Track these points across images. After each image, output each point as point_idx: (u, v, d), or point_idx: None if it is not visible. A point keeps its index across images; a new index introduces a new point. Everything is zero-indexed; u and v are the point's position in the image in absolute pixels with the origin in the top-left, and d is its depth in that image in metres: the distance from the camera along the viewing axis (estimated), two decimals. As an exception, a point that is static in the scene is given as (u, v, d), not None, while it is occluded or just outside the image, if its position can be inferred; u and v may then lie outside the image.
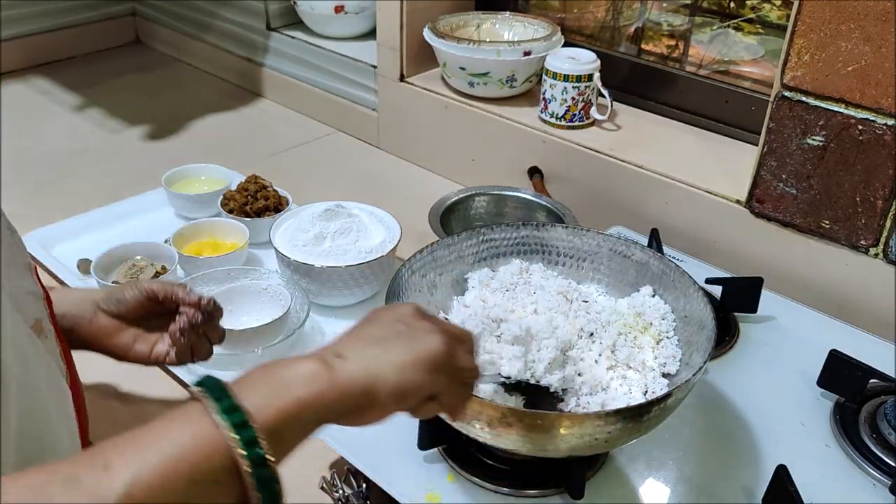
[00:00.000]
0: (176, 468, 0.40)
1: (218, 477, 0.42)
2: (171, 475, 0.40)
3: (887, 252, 0.94)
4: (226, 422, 0.42)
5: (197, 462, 0.41)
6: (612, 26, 1.51)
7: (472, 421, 0.63)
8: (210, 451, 0.42)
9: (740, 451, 0.76)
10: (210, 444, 0.42)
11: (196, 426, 0.42)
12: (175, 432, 0.42)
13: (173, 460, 0.40)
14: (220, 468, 0.42)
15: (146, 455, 0.40)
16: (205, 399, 0.43)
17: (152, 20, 1.96)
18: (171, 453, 0.41)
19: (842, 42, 0.89)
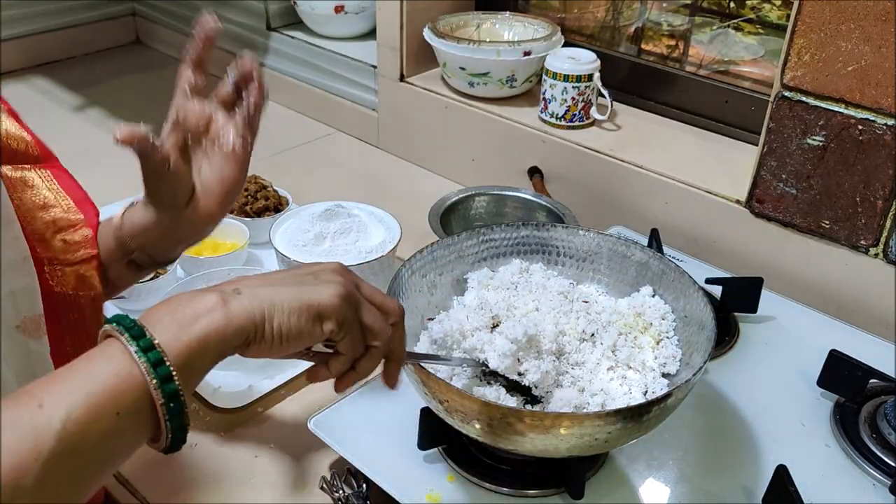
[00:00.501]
0: (103, 403, 0.44)
1: (138, 409, 0.46)
2: (99, 410, 0.44)
3: (887, 252, 0.94)
4: (144, 361, 0.46)
5: (120, 397, 0.45)
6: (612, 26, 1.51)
7: (471, 421, 0.63)
8: (130, 386, 0.46)
9: (740, 451, 0.76)
10: (130, 380, 0.46)
11: (117, 364, 0.46)
12: (99, 370, 0.46)
13: (99, 396, 0.44)
14: (140, 402, 0.46)
15: (75, 393, 0.44)
16: (123, 338, 0.47)
17: (152, 20, 1.96)
18: (97, 390, 0.44)
19: (842, 42, 0.89)
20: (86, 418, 0.43)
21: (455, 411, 0.64)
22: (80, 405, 0.43)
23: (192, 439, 0.82)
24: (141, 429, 0.47)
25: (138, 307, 1.00)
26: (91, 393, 0.44)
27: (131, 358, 0.46)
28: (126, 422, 0.45)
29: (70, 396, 0.43)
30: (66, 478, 0.43)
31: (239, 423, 0.85)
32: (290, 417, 0.85)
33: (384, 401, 0.79)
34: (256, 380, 0.88)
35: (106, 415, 0.44)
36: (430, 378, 0.64)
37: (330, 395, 0.82)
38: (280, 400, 0.87)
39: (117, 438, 0.46)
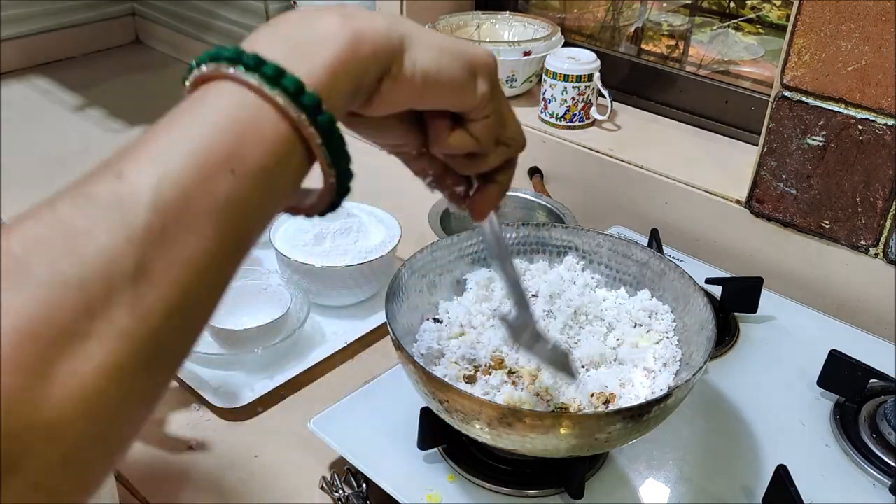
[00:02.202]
0: (208, 161, 0.32)
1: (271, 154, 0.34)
2: (205, 170, 0.32)
3: (887, 252, 0.94)
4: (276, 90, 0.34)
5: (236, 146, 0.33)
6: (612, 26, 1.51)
7: (472, 421, 0.63)
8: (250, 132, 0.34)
9: (740, 451, 0.76)
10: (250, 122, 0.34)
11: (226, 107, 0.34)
12: (198, 120, 0.34)
13: (205, 152, 0.32)
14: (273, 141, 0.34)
15: (167, 154, 0.32)
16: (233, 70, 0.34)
17: (152, 20, 1.95)
18: (199, 146, 0.32)
19: (842, 42, 0.89)
20: (186, 180, 0.31)
21: (455, 411, 0.64)
22: (178, 163, 0.32)
23: (191, 439, 0.82)
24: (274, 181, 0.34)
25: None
26: (193, 145, 0.32)
27: (251, 93, 0.34)
28: (245, 181, 0.33)
29: (161, 156, 0.32)
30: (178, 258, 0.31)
31: (239, 423, 0.85)
32: (290, 417, 0.85)
33: (384, 401, 0.79)
34: (256, 380, 0.88)
35: (216, 174, 0.32)
36: (430, 378, 0.64)
37: (330, 395, 0.83)
38: (280, 400, 0.87)
39: (238, 205, 0.33)
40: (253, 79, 0.34)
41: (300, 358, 0.92)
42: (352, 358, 0.95)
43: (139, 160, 0.32)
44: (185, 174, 0.32)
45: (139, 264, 0.30)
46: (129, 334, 0.30)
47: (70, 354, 0.28)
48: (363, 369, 0.91)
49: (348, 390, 0.81)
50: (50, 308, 0.28)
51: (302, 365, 0.91)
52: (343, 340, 0.95)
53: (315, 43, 0.36)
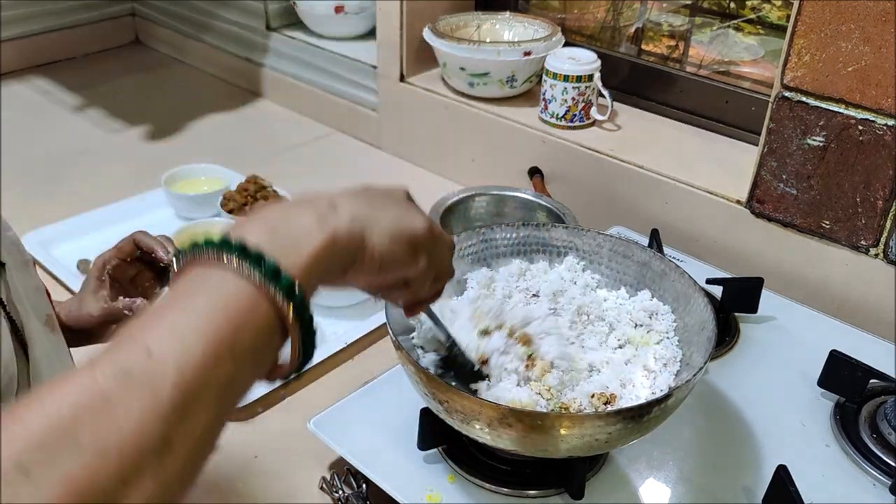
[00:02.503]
0: (217, 341, 0.38)
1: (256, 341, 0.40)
2: (215, 349, 0.37)
3: (887, 252, 0.94)
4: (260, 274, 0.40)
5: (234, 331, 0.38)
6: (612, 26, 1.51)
7: (471, 421, 0.63)
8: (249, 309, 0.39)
9: (741, 452, 0.76)
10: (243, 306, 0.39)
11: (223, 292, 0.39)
12: (202, 302, 0.39)
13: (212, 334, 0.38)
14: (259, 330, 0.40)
15: (183, 333, 0.37)
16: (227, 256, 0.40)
17: (152, 20, 1.96)
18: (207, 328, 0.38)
19: (842, 42, 0.89)
20: (202, 362, 0.37)
21: (455, 412, 0.64)
22: (194, 348, 0.37)
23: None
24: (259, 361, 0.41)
25: (138, 307, 1.00)
26: (203, 333, 0.37)
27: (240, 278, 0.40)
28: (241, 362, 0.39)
29: (179, 339, 0.37)
30: (188, 431, 0.36)
31: (239, 423, 0.85)
32: (290, 417, 0.85)
33: (384, 401, 0.79)
34: (256, 380, 0.88)
35: (224, 356, 0.38)
36: (430, 379, 0.64)
37: (330, 395, 0.83)
38: (280, 400, 0.87)
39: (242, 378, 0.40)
40: (255, 274, 0.40)
41: (300, 358, 0.92)
42: (352, 358, 0.95)
43: (163, 339, 0.37)
44: (202, 358, 0.37)
45: (165, 438, 0.35)
46: (153, 500, 0.34)
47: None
48: (363, 369, 0.91)
49: (348, 390, 0.81)
50: (95, 475, 0.32)
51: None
52: (343, 340, 0.95)
53: (294, 242, 0.43)
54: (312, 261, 0.43)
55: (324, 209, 0.46)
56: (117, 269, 0.77)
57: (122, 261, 0.78)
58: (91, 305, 0.76)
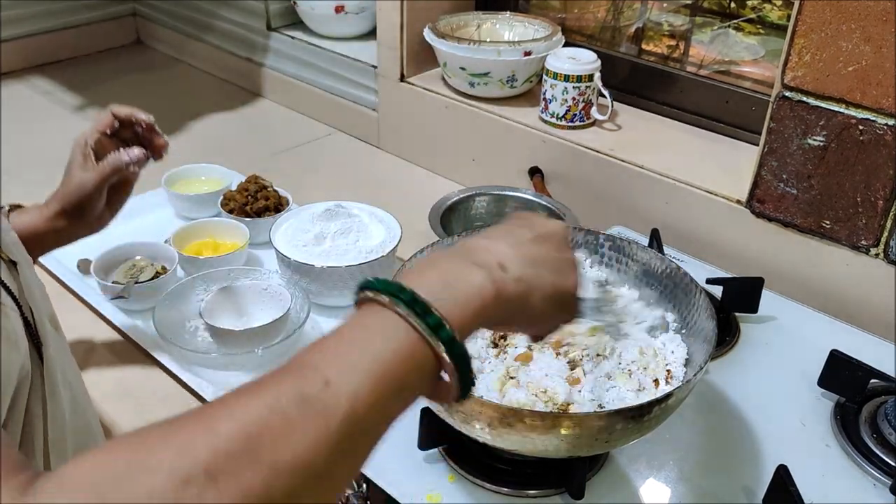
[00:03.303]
0: (387, 384, 0.41)
1: (420, 384, 0.44)
2: (384, 390, 0.41)
3: (888, 252, 0.94)
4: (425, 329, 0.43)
5: (403, 377, 0.42)
6: (612, 26, 1.51)
7: (472, 421, 0.63)
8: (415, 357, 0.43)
9: (741, 451, 0.76)
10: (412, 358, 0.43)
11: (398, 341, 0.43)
12: (380, 347, 0.42)
13: (383, 377, 0.41)
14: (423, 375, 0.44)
15: (359, 371, 0.40)
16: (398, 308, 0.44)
17: (153, 20, 1.96)
18: (380, 370, 0.41)
19: (842, 42, 0.89)
20: (371, 399, 0.40)
21: (456, 412, 0.64)
22: (366, 385, 0.40)
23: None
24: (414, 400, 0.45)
25: (138, 307, 1.00)
26: (375, 372, 0.41)
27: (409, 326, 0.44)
28: (407, 398, 0.44)
29: (355, 374, 0.40)
30: (348, 460, 0.40)
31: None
32: (290, 417, 0.85)
33: (384, 401, 0.79)
34: (257, 380, 0.88)
35: (390, 395, 0.41)
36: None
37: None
38: (280, 400, 0.87)
39: (396, 416, 0.43)
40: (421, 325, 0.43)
41: (300, 358, 0.92)
42: (352, 358, 0.94)
43: (341, 372, 0.40)
44: (372, 396, 0.40)
45: (328, 465, 0.38)
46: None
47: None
48: (363, 369, 0.91)
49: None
50: (269, 488, 0.35)
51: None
52: (343, 340, 0.95)
53: (466, 299, 0.47)
54: (474, 315, 0.47)
55: (493, 268, 0.50)
56: (99, 145, 0.80)
57: (103, 134, 0.80)
58: (84, 176, 0.78)
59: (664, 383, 0.71)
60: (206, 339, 0.94)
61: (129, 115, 0.82)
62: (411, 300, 0.44)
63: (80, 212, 0.79)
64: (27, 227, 0.78)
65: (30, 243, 0.73)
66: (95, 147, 0.79)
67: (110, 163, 0.78)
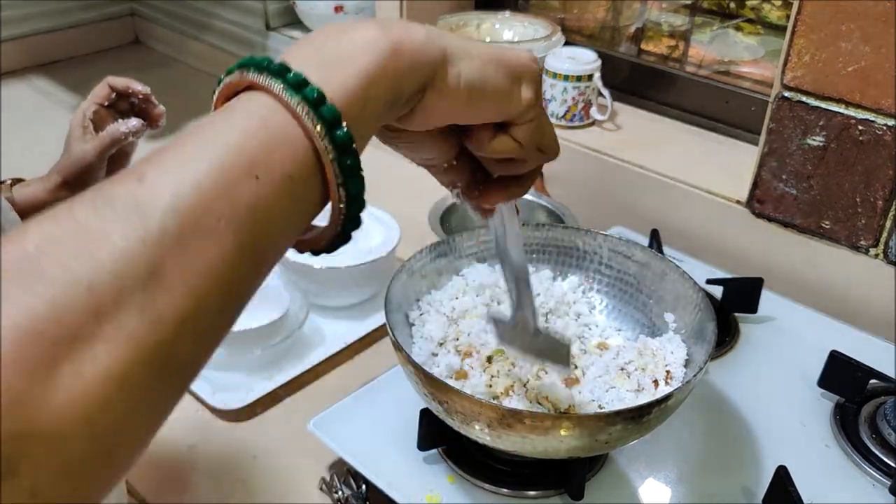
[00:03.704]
0: (232, 165, 0.31)
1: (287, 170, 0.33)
2: (227, 173, 0.31)
3: (887, 252, 0.94)
4: (297, 99, 0.33)
5: (258, 155, 0.32)
6: (612, 26, 1.51)
7: (471, 422, 0.63)
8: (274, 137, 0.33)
9: (740, 452, 0.76)
10: (274, 130, 0.33)
11: (251, 115, 0.33)
12: (222, 128, 0.33)
13: (226, 158, 0.31)
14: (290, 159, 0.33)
15: (192, 160, 0.31)
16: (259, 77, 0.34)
17: (151, 20, 1.95)
18: (221, 152, 0.32)
19: (842, 42, 0.89)
20: (208, 184, 0.31)
21: (455, 412, 0.64)
22: (200, 171, 0.31)
23: (191, 440, 0.82)
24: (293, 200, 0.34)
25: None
26: (214, 157, 0.31)
27: (275, 101, 0.34)
28: (269, 188, 0.32)
29: (183, 165, 0.31)
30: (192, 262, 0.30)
31: (239, 424, 0.84)
32: (289, 418, 0.85)
33: (384, 402, 0.79)
34: (256, 380, 0.88)
35: (239, 179, 0.31)
36: (430, 379, 0.64)
37: (330, 396, 0.82)
38: (280, 400, 0.87)
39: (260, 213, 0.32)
40: (277, 86, 0.33)
41: (300, 358, 0.92)
42: (351, 358, 0.94)
43: (161, 164, 0.32)
44: (207, 178, 0.31)
45: (152, 268, 0.29)
46: (138, 340, 0.28)
47: (75, 357, 0.27)
48: (363, 370, 0.91)
49: (348, 391, 0.81)
50: (57, 308, 0.27)
51: (301, 365, 0.91)
52: (343, 341, 0.95)
53: (351, 52, 0.36)
54: (367, 79, 0.35)
55: (388, 24, 0.38)
56: (97, 116, 0.80)
57: (101, 106, 0.80)
58: (84, 148, 0.78)
59: (664, 384, 0.71)
60: (206, 340, 0.94)
61: (126, 86, 0.82)
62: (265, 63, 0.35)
63: (82, 183, 0.79)
64: (30, 199, 0.78)
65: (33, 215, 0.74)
66: (94, 118, 0.80)
67: (109, 134, 0.79)
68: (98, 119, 0.80)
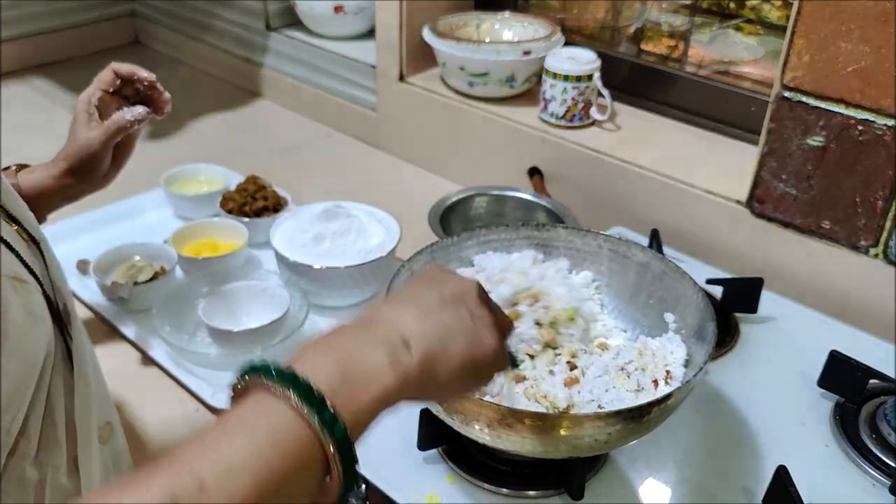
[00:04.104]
0: (269, 479, 0.39)
1: (307, 478, 0.41)
2: (265, 486, 0.39)
3: (887, 252, 0.94)
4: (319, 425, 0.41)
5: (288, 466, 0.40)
6: (612, 26, 1.51)
7: (472, 422, 0.63)
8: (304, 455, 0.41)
9: (740, 452, 0.76)
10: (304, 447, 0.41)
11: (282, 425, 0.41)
12: (262, 438, 0.40)
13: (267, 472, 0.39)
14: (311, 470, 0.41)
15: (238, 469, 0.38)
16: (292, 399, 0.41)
17: (152, 21, 1.95)
18: (264, 467, 0.39)
19: (842, 42, 0.89)
20: (252, 500, 0.38)
21: (455, 412, 0.64)
22: (246, 486, 0.38)
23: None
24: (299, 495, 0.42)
25: (137, 308, 0.99)
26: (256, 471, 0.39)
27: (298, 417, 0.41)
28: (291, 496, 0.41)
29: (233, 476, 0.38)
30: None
31: (238, 424, 0.84)
32: (289, 418, 0.85)
33: (384, 401, 0.79)
34: (256, 380, 0.88)
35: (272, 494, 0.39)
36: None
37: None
38: (280, 400, 0.87)
39: None
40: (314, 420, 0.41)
41: (300, 358, 0.92)
42: (351, 358, 0.94)
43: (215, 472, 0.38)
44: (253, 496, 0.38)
45: None
46: None
47: None
48: (363, 370, 0.91)
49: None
50: None
51: (302, 365, 0.90)
52: (343, 341, 0.95)
53: (365, 377, 0.45)
54: (376, 403, 0.45)
55: (396, 345, 0.47)
56: (102, 102, 0.80)
57: (105, 92, 0.81)
58: (90, 135, 0.78)
59: (664, 384, 0.71)
60: (205, 340, 0.94)
61: (131, 72, 0.83)
62: (307, 391, 0.42)
63: (87, 170, 0.80)
64: (35, 185, 0.79)
65: (39, 201, 0.76)
66: (98, 105, 0.80)
67: (115, 122, 0.79)
68: (103, 105, 0.80)
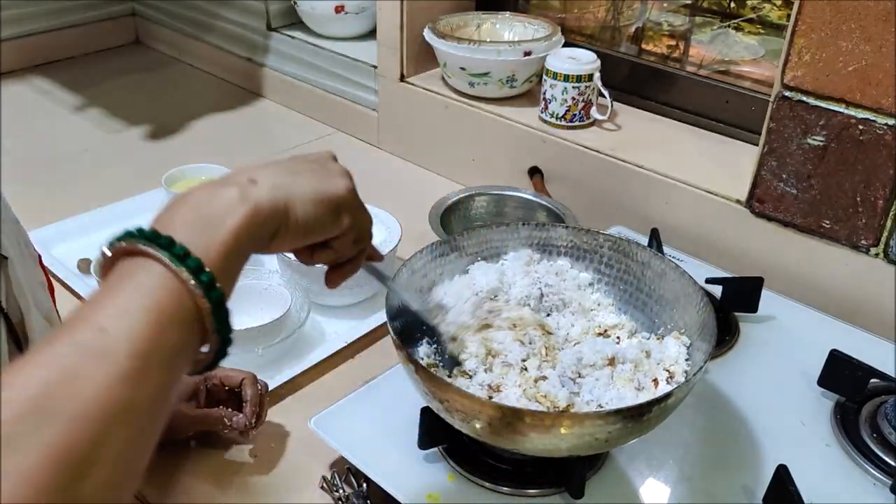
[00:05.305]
0: (158, 319, 0.42)
1: (187, 321, 0.44)
2: (156, 325, 0.41)
3: (888, 252, 0.94)
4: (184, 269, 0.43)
5: (172, 312, 0.43)
6: (612, 26, 1.51)
7: (472, 420, 0.63)
8: (180, 298, 0.43)
9: (740, 451, 0.76)
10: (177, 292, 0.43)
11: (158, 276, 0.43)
12: (145, 283, 0.43)
13: (155, 311, 0.42)
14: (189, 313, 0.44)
15: (131, 310, 0.41)
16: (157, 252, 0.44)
17: (152, 20, 1.95)
18: (151, 304, 0.42)
19: (842, 42, 0.89)
20: (147, 335, 0.41)
21: (456, 411, 0.64)
22: (142, 323, 0.41)
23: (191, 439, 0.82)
24: (194, 340, 0.45)
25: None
26: (147, 307, 0.42)
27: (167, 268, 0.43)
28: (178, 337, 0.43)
29: (127, 317, 0.41)
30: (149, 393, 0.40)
31: (239, 423, 0.85)
32: (290, 416, 0.85)
33: (384, 400, 0.79)
34: (256, 379, 0.88)
35: (167, 326, 0.42)
36: (431, 378, 0.64)
37: (330, 394, 0.83)
38: (280, 399, 0.87)
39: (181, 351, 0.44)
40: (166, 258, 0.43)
41: (300, 358, 0.92)
42: (352, 358, 0.95)
43: (112, 316, 0.41)
44: (148, 330, 0.41)
45: (128, 400, 0.38)
46: (125, 458, 0.38)
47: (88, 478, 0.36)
48: (363, 369, 0.91)
49: (348, 390, 0.81)
50: (70, 441, 0.36)
51: (302, 365, 0.91)
52: (343, 340, 0.95)
53: (219, 220, 0.46)
54: (234, 238, 0.46)
55: (245, 184, 0.49)
56: (214, 387, 0.80)
57: (221, 385, 0.80)
58: (185, 412, 0.78)
59: (664, 383, 0.71)
60: (206, 339, 0.94)
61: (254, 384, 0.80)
62: (168, 244, 0.44)
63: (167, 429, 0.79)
64: None
65: None
66: (210, 388, 0.80)
67: (211, 421, 0.78)
68: (213, 389, 0.80)
